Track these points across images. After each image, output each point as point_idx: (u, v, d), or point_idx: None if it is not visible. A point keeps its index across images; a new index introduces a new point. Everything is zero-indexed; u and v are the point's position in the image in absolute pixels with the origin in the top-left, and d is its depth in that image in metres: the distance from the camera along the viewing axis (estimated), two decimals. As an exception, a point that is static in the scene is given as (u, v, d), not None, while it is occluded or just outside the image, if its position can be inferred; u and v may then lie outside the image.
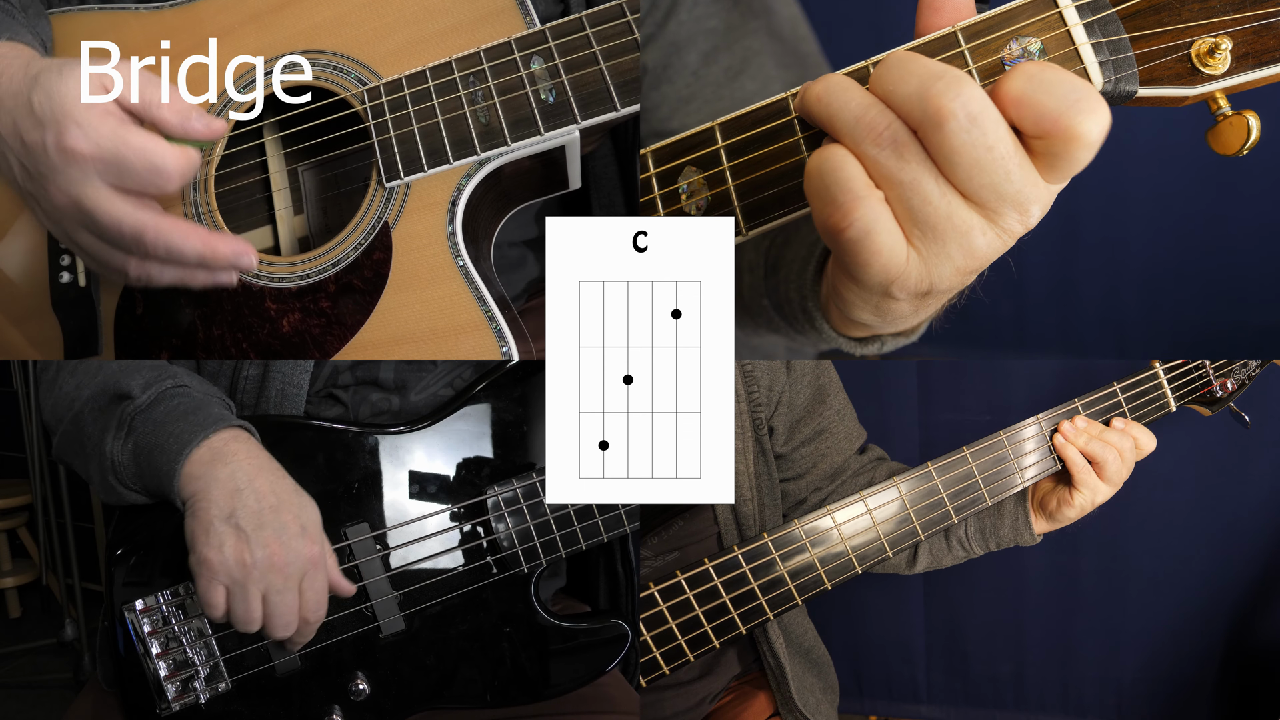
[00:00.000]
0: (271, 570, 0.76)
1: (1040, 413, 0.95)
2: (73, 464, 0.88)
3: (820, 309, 0.75)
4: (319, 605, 0.80)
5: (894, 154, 0.53)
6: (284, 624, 0.78)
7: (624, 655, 0.93)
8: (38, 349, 0.86)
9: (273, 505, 0.78)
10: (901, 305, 0.59)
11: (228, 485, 0.77)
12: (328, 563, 0.80)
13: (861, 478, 1.13)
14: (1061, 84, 0.51)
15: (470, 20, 0.79)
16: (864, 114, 0.54)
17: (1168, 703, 1.77)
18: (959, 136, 0.51)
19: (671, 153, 0.63)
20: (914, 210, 0.53)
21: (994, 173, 0.52)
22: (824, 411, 1.11)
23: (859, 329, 0.72)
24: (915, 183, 0.53)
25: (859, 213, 0.54)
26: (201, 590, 0.76)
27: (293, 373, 0.89)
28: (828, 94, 0.56)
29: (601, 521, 0.90)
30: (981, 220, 0.54)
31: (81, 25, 0.89)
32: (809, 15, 1.07)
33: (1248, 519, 1.66)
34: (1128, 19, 0.55)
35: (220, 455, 0.78)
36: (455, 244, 0.76)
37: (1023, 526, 1.01)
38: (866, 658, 1.91)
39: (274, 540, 0.76)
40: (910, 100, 0.52)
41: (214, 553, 0.75)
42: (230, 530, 0.76)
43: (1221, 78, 0.55)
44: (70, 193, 0.70)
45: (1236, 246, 1.74)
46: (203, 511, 0.76)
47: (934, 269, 0.55)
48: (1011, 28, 0.56)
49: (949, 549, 1.08)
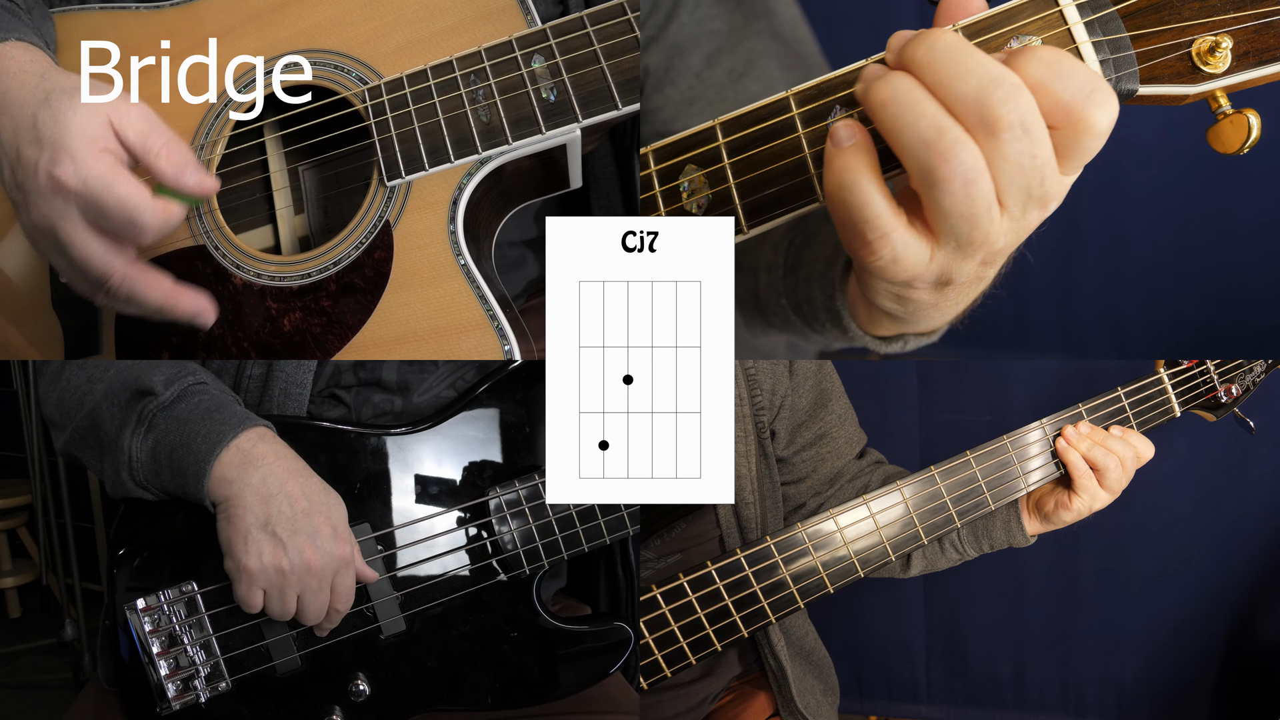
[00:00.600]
0: (308, 574, 0.79)
1: (1044, 417, 0.95)
2: (83, 458, 0.88)
3: (849, 308, 0.76)
4: (348, 599, 0.83)
5: (941, 162, 0.53)
6: (315, 617, 0.81)
7: (625, 659, 0.93)
8: (38, 348, 0.85)
9: (305, 510, 0.80)
10: (921, 294, 0.61)
11: (261, 491, 0.79)
12: (355, 556, 0.83)
13: (858, 482, 1.13)
14: (1077, 74, 0.51)
15: (471, 19, 0.79)
16: (938, 139, 0.52)
17: (1168, 703, 1.77)
18: (1011, 145, 0.51)
19: (672, 151, 0.63)
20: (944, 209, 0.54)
21: (1032, 177, 0.53)
22: (825, 416, 1.11)
23: (885, 327, 0.72)
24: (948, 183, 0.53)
25: (887, 247, 0.55)
26: (241, 594, 0.79)
27: (296, 372, 0.89)
28: (894, 102, 0.54)
29: (604, 523, 0.90)
30: (1007, 222, 0.55)
31: (82, 25, 0.89)
32: (809, 15, 1.07)
33: (1248, 519, 1.66)
34: (1128, 17, 0.56)
35: (250, 459, 0.80)
36: (456, 243, 0.76)
37: (1015, 528, 1.01)
38: (866, 658, 1.91)
39: (308, 545, 0.79)
40: (966, 101, 0.52)
41: (253, 561, 0.78)
42: (267, 538, 0.78)
43: (1222, 76, 0.55)
44: (49, 219, 0.71)
45: (1237, 246, 1.74)
46: (239, 519, 0.78)
47: (954, 264, 0.57)
48: (1012, 26, 0.56)
49: (942, 553, 1.08)
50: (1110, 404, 0.97)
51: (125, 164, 0.71)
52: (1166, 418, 1.00)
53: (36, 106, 0.71)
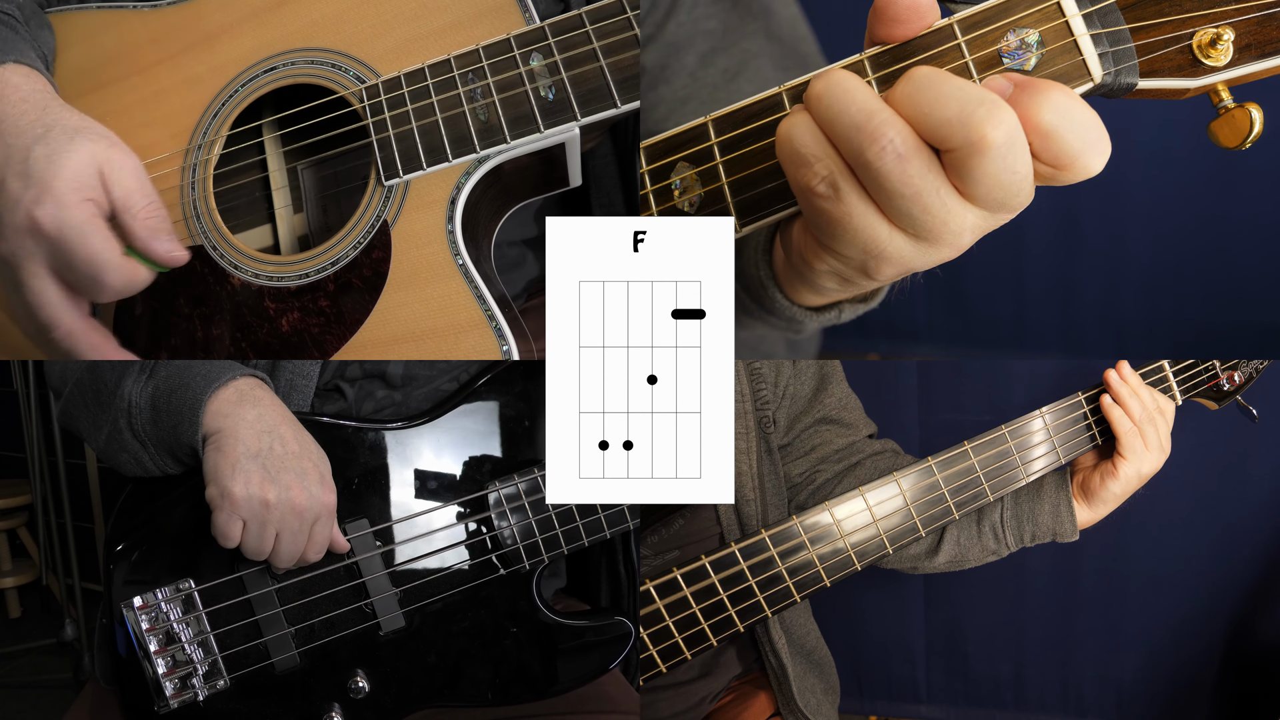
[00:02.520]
0: (291, 512, 0.79)
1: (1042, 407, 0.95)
2: (79, 421, 0.88)
3: (774, 278, 0.75)
4: (322, 549, 0.83)
5: (897, 165, 0.52)
6: (287, 560, 0.81)
7: (626, 654, 0.93)
8: (38, 348, 0.85)
9: (295, 452, 0.80)
10: (880, 281, 0.60)
11: (256, 425, 0.80)
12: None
13: (881, 459, 1.10)
14: (1087, 123, 0.51)
15: (469, 17, 0.79)
16: (867, 121, 0.53)
17: (1168, 703, 1.76)
18: (995, 163, 0.51)
19: (664, 148, 0.63)
20: (913, 217, 0.54)
21: (1011, 191, 0.52)
22: (826, 399, 1.11)
23: (817, 297, 0.71)
24: (917, 195, 0.53)
25: (823, 170, 0.54)
26: (220, 522, 0.78)
27: (303, 364, 0.89)
28: (827, 93, 0.55)
29: (604, 517, 0.90)
30: (976, 222, 0.54)
31: (81, 24, 0.89)
32: (809, 15, 1.07)
33: (1248, 519, 1.66)
34: (1127, 9, 0.55)
35: (247, 397, 0.81)
36: (455, 242, 0.76)
37: (1064, 513, 0.98)
38: (866, 658, 1.91)
39: (296, 484, 0.79)
40: (950, 125, 0.51)
41: (239, 487, 0.77)
42: (257, 468, 0.78)
43: (1224, 69, 0.55)
44: (15, 255, 0.71)
45: (1236, 246, 1.74)
46: (229, 448, 0.78)
47: (922, 260, 0.56)
48: (1009, 19, 0.56)
49: (979, 537, 1.02)
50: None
51: (104, 215, 0.72)
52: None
53: (33, 140, 0.71)
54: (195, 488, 0.80)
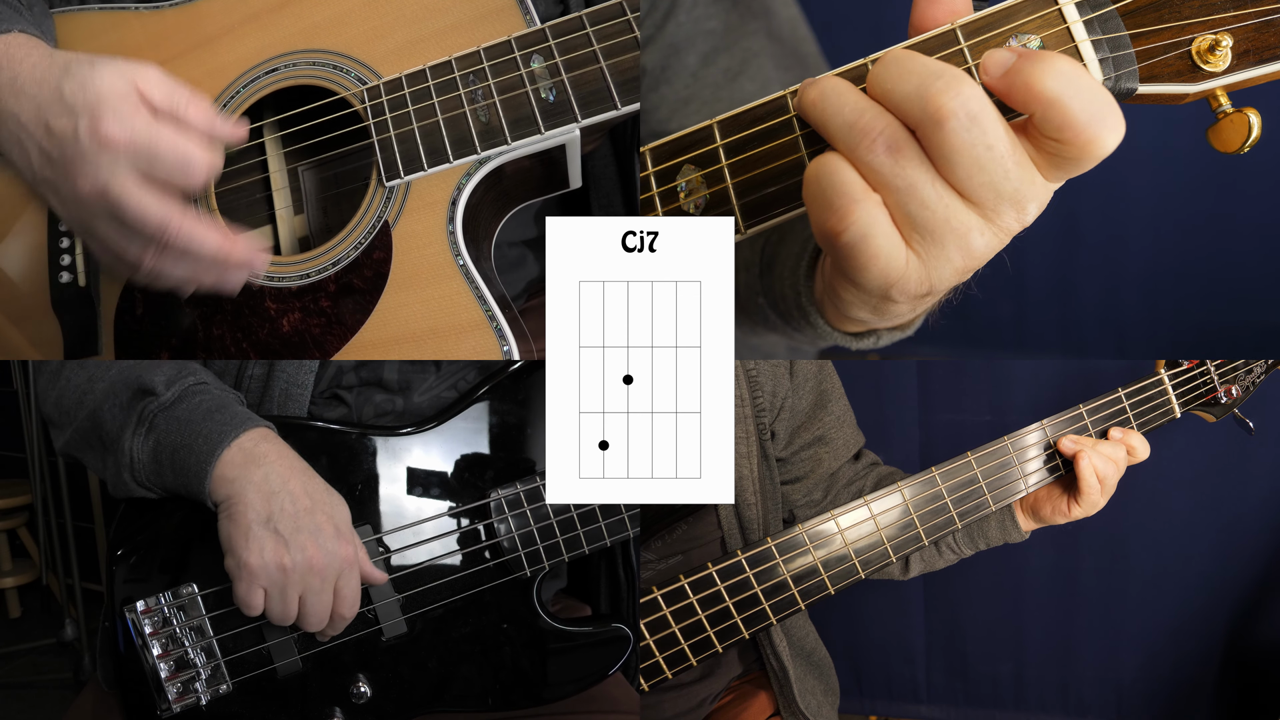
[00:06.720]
0: (310, 573, 0.78)
1: (1044, 417, 0.95)
2: (84, 458, 0.88)
3: (815, 304, 0.76)
4: (353, 603, 0.82)
5: (889, 158, 0.53)
6: (317, 621, 0.81)
7: (625, 659, 0.93)
8: (38, 349, 0.85)
9: (307, 508, 0.79)
10: (900, 306, 0.59)
11: (263, 488, 0.79)
12: (359, 557, 0.82)
13: (854, 487, 1.13)
14: (1095, 93, 0.51)
15: (470, 19, 0.79)
16: (858, 119, 0.54)
17: (1168, 703, 1.77)
18: (959, 135, 0.51)
19: (670, 151, 0.63)
20: (912, 215, 0.53)
21: (993, 171, 0.52)
22: (824, 418, 1.11)
23: (855, 325, 0.72)
24: (912, 187, 0.53)
25: (854, 216, 0.53)
26: (241, 593, 0.78)
27: (297, 373, 0.89)
28: (822, 98, 0.56)
29: (605, 525, 0.90)
30: (979, 220, 0.54)
31: (82, 25, 0.89)
32: (809, 15, 1.07)
33: (1248, 519, 1.66)
34: (1127, 16, 0.55)
35: (253, 457, 0.80)
36: (455, 243, 0.76)
37: (1010, 526, 1.03)
38: (866, 658, 1.91)
39: (311, 543, 0.78)
40: (909, 99, 0.52)
41: (254, 558, 0.77)
42: (269, 535, 0.77)
43: (1222, 75, 0.55)
44: (99, 180, 0.70)
45: (1237, 246, 1.74)
46: (240, 516, 0.78)
47: (933, 271, 0.55)
48: (1011, 25, 0.56)
49: (940, 554, 1.09)
50: (1111, 405, 0.97)
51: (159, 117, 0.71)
52: (1167, 419, 1.00)
53: (58, 80, 0.71)
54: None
